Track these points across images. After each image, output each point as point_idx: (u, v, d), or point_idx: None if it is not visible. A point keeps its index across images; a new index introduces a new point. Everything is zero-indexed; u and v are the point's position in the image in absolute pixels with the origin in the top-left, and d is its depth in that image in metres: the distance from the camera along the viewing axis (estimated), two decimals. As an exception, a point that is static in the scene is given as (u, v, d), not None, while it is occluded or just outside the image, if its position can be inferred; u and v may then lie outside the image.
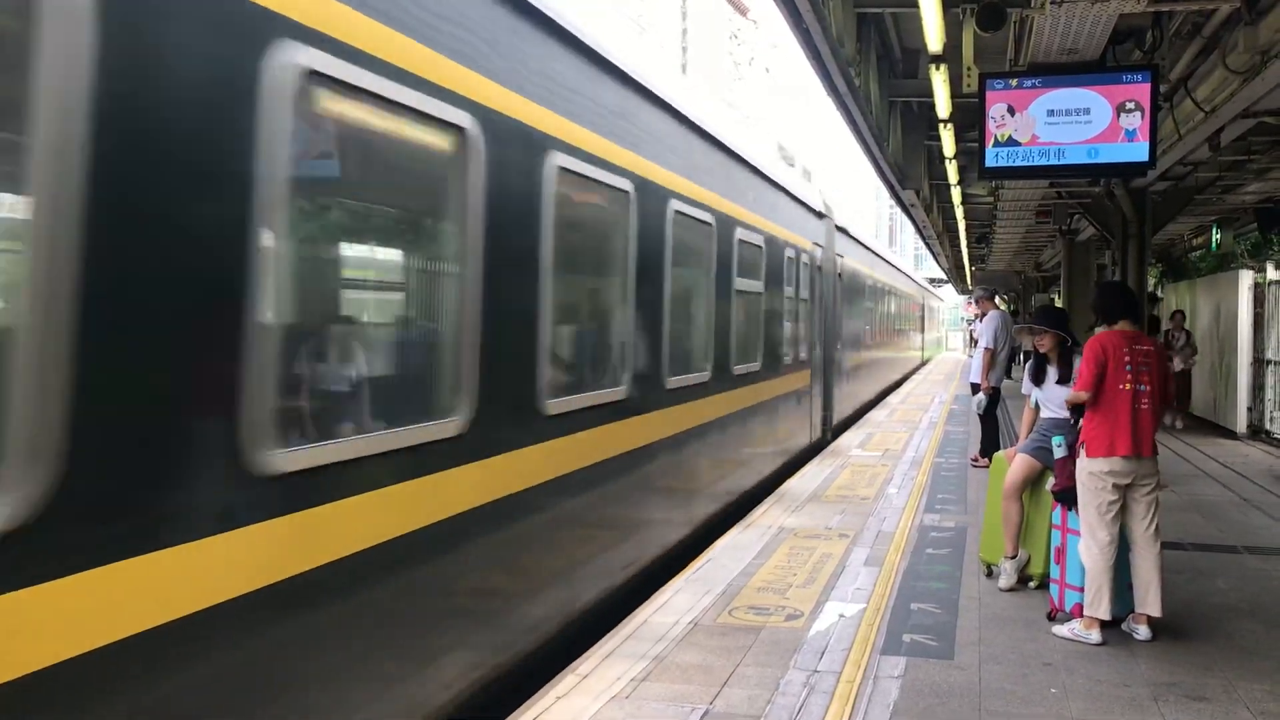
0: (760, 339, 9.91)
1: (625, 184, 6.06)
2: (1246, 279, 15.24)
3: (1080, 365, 5.62)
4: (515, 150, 4.71)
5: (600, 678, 4.80)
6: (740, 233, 8.85)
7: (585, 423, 5.58)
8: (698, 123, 7.50)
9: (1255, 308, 14.90)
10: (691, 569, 6.87)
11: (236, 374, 3.05)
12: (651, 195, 6.54)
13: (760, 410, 10.02)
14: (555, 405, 5.19)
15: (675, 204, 7.02)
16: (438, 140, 4.25)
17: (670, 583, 6.54)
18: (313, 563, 3.40)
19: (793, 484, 10.40)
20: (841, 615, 5.81)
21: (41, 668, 2.41)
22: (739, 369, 9.02)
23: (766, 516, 8.67)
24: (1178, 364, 14.87)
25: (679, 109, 7.04)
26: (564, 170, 5.14)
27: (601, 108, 5.65)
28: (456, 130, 4.23)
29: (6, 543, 2.33)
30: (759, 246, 9.64)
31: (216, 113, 2.99)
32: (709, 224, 7.97)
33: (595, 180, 5.64)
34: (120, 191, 2.62)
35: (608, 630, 5.57)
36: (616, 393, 6.10)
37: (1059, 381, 6.46)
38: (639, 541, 6.63)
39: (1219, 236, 19.18)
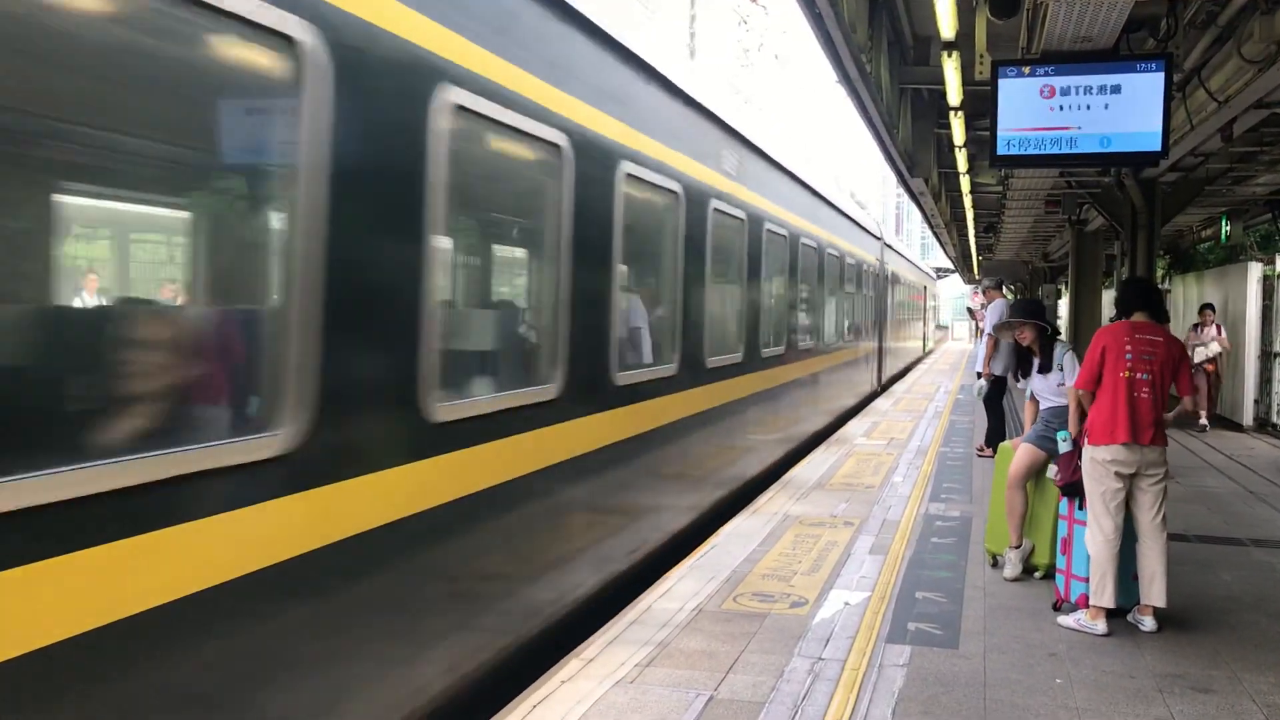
0: None
1: None
2: (1255, 271, 15.18)
3: (1083, 360, 5.65)
4: None
5: (605, 662, 4.80)
6: None
7: None
8: None
9: (1264, 300, 14.85)
10: (696, 555, 6.87)
11: None
12: None
13: None
14: None
15: None
16: None
17: (675, 569, 6.54)
18: None
19: (798, 471, 10.39)
20: (846, 603, 5.81)
21: None
22: None
23: (772, 504, 8.67)
24: (1199, 357, 14.29)
25: None
26: None
27: None
28: None
29: None
30: None
31: None
32: None
33: None
34: None
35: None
36: None
37: (1040, 371, 6.53)
38: None
39: (1228, 228, 19.08)
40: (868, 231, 18.87)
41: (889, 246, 22.95)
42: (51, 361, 3.00)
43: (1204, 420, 14.38)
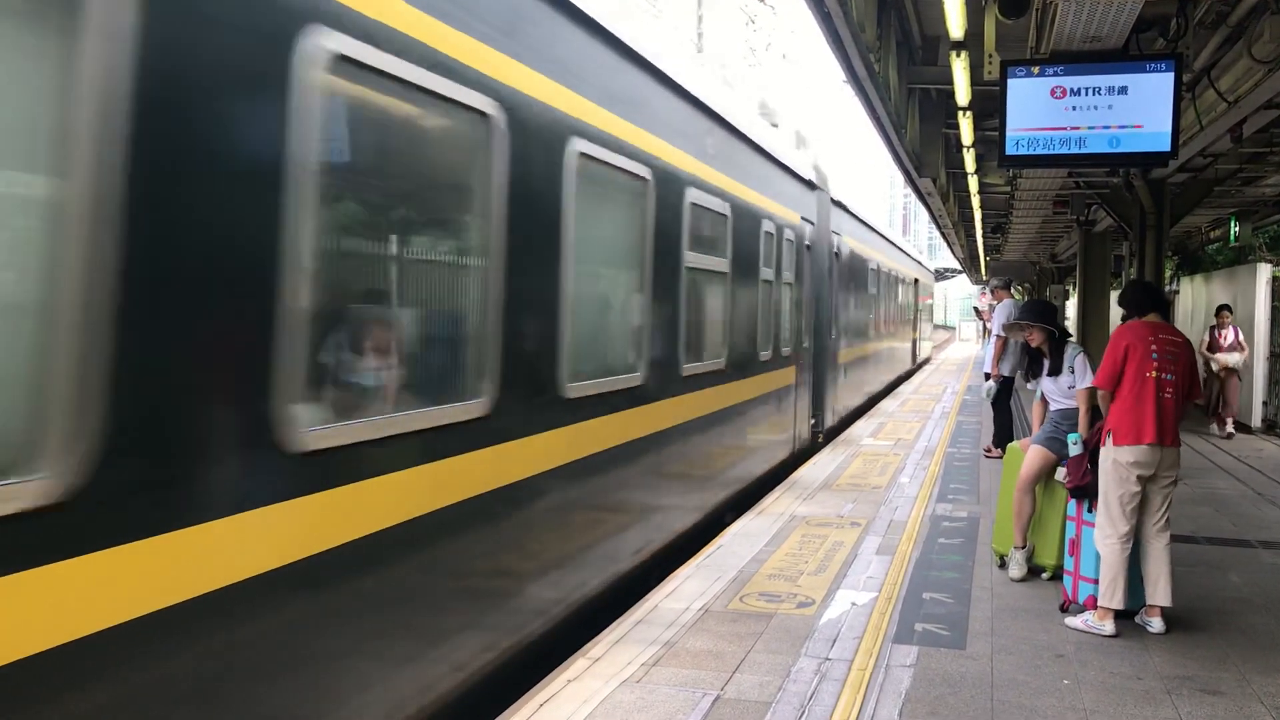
0: None
1: None
2: (1264, 272, 15.14)
3: (1103, 359, 5.61)
4: None
5: (611, 662, 4.80)
6: None
7: None
8: None
9: (1273, 301, 14.80)
10: (702, 555, 6.87)
11: None
12: None
13: None
14: None
15: None
16: None
17: (681, 569, 6.53)
18: None
19: (804, 472, 10.38)
20: (853, 603, 5.80)
21: None
22: None
23: (778, 504, 8.66)
24: (1223, 361, 13.80)
25: None
26: None
27: None
28: None
29: None
30: None
31: None
32: None
33: None
34: None
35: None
36: None
37: (1050, 373, 6.52)
38: None
39: (1237, 229, 19.02)
40: (783, 169, 10.46)
41: (841, 207, 13.76)
42: None
43: (1230, 428, 13.87)
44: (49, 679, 2.50)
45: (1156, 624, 5.43)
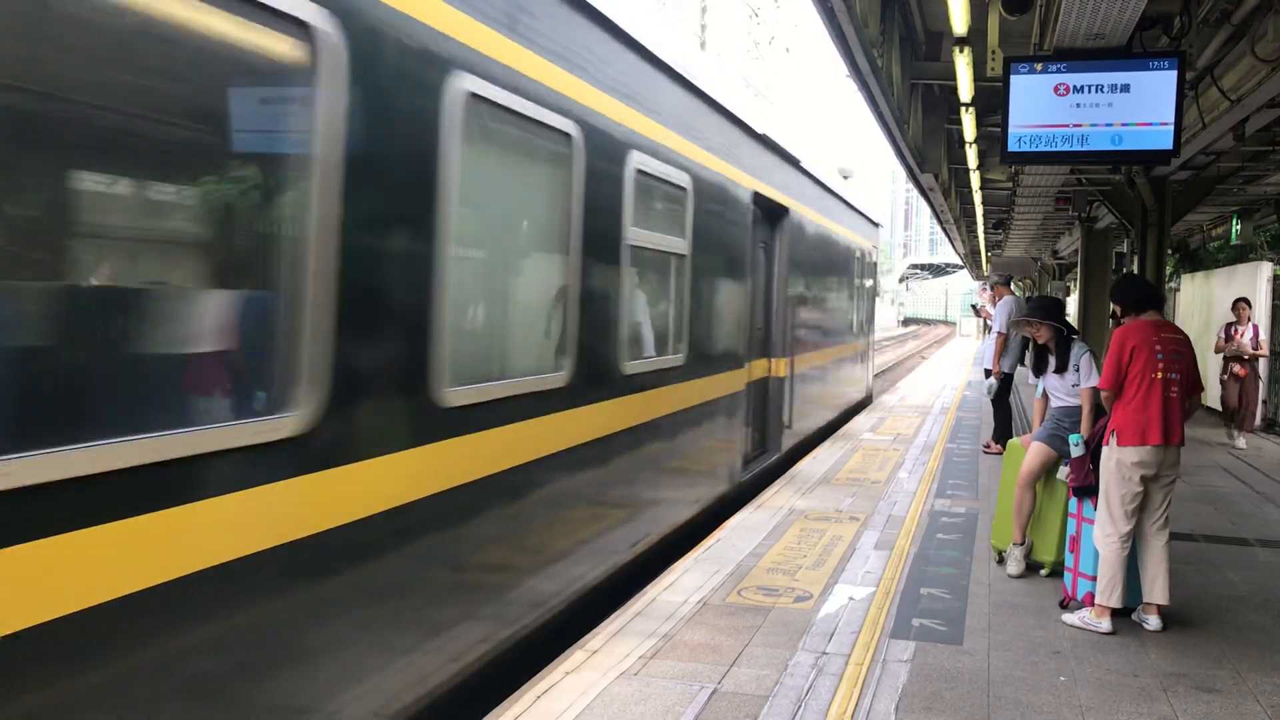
0: None
1: None
2: (1265, 270, 15.12)
3: (1105, 360, 5.58)
4: None
5: (609, 654, 4.82)
6: None
7: None
8: None
9: (1274, 300, 14.80)
10: (701, 548, 6.89)
11: None
12: None
13: None
14: None
15: None
16: None
17: (679, 561, 6.55)
18: None
19: (804, 466, 10.40)
20: (851, 598, 5.81)
21: None
22: None
23: (777, 498, 8.67)
24: (1241, 350, 12.90)
25: None
26: None
27: None
28: None
29: None
30: None
31: None
32: None
33: None
34: None
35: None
36: None
37: (1056, 370, 6.48)
38: None
39: (1239, 227, 19.01)
40: None
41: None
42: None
43: (1241, 439, 12.99)
44: None
45: (1153, 621, 5.45)
